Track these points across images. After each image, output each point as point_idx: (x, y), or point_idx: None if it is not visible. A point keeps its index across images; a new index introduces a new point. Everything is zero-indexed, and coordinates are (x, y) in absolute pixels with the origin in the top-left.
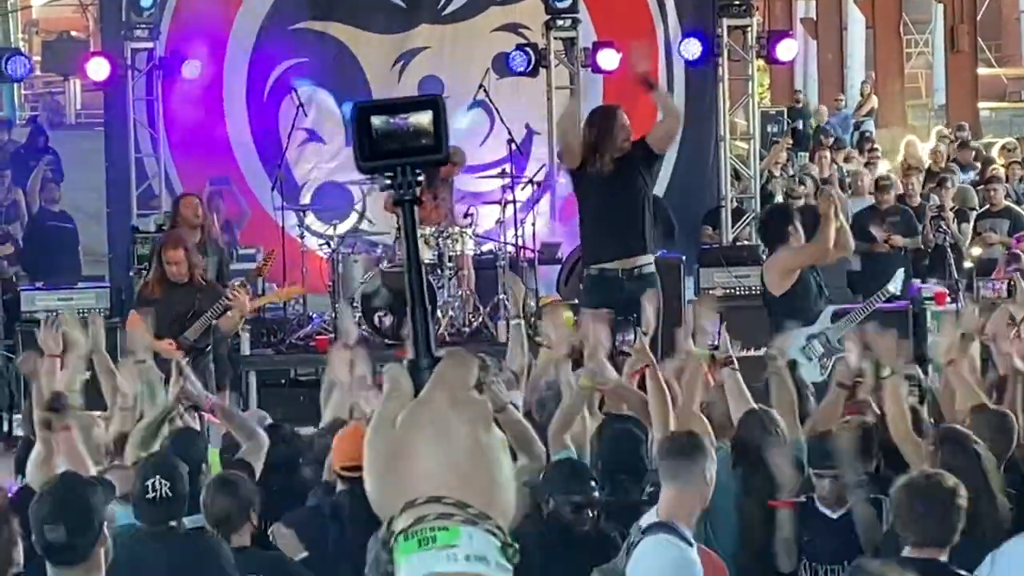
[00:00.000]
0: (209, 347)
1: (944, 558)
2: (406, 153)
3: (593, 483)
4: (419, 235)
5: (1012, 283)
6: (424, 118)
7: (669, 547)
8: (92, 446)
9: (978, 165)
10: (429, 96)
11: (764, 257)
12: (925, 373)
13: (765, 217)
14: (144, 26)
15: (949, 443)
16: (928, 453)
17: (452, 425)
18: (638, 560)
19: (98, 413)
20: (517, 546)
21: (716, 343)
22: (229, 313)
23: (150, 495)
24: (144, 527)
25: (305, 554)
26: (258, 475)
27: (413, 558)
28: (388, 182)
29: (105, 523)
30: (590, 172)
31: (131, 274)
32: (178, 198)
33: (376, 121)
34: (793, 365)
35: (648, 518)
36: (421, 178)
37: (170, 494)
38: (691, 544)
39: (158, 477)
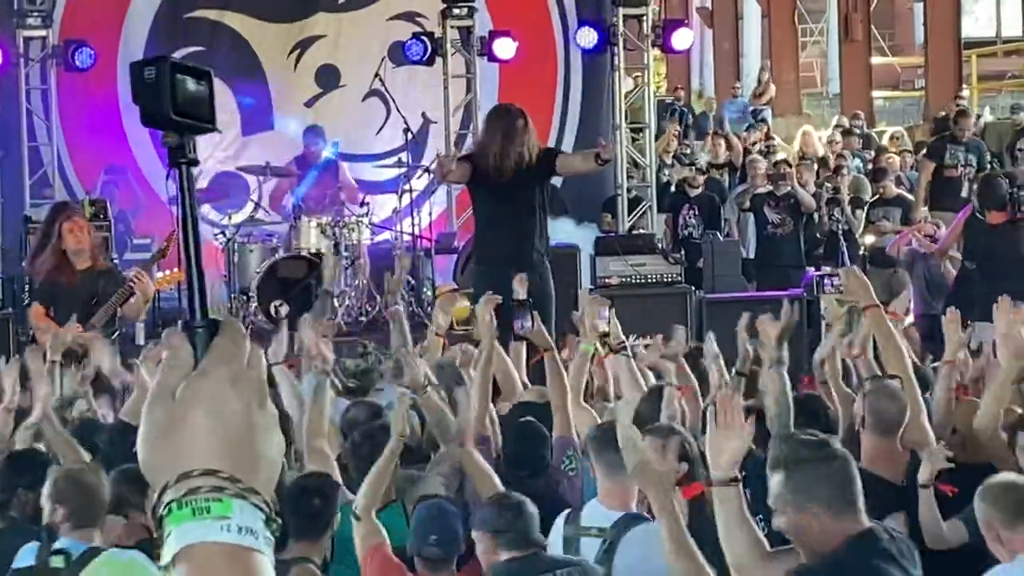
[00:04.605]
0: (116, 333)
1: None
2: (187, 118)
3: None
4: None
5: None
6: (202, 88)
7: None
8: None
9: (871, 153)
10: (203, 67)
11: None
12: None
13: (984, 184)
14: (37, 14)
15: None
16: None
17: (230, 401)
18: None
19: None
20: (280, 521)
21: (607, 330)
22: (132, 299)
23: None
24: None
25: None
26: None
27: (185, 526)
28: (168, 141)
29: None
30: (486, 179)
31: (23, 265)
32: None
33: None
34: None
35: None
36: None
37: None
38: None
39: None
